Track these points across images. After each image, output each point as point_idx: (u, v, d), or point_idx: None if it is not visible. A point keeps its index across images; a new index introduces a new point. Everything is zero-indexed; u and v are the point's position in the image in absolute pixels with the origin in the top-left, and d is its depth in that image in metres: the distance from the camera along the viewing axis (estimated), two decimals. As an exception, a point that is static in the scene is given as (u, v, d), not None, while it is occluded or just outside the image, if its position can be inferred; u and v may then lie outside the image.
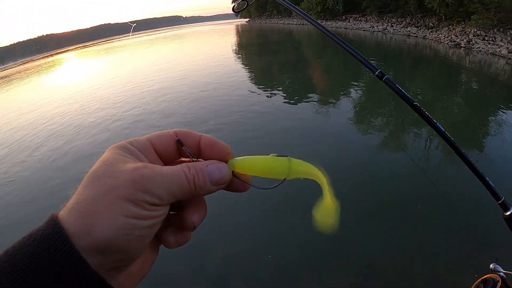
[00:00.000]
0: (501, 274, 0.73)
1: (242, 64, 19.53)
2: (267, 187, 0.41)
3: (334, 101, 9.98)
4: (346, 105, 9.48)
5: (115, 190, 0.31)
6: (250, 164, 0.39)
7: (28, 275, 0.27)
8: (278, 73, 15.60)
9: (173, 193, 0.34)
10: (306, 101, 9.70)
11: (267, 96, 10.66)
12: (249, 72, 16.16)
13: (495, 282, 0.71)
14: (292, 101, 9.97)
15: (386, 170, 5.53)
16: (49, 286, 0.27)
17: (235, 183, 0.40)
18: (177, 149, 0.40)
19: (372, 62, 0.93)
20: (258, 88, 12.07)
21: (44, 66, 46.79)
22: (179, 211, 0.40)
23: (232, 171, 0.39)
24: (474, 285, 0.77)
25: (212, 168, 0.37)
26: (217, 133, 7.39)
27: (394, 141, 6.97)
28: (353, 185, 5.17)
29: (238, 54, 24.91)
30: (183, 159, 0.42)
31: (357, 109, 9.08)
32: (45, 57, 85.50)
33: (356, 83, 12.06)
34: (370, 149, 6.43)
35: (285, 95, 10.80)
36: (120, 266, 0.32)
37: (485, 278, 0.75)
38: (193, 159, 0.39)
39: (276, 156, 0.40)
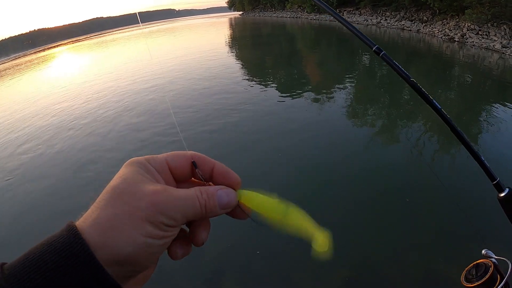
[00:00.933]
0: (493, 260, 0.72)
1: (235, 56, 19.39)
2: (263, 224, 0.42)
3: (331, 91, 9.89)
4: (341, 96, 9.39)
5: (136, 211, 0.34)
6: (256, 201, 0.43)
7: (49, 282, 0.30)
8: (271, 64, 15.48)
9: (187, 215, 0.38)
10: (300, 92, 9.61)
11: (261, 90, 10.55)
12: (242, 65, 16.02)
13: (487, 267, 0.70)
14: (288, 93, 9.87)
15: (379, 162, 5.53)
16: None
17: (237, 211, 0.43)
18: (190, 170, 0.43)
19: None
20: (251, 80, 11.95)
21: (36, 61, 46.12)
22: (187, 226, 0.43)
23: (238, 201, 0.42)
24: (465, 270, 0.75)
25: (222, 193, 0.40)
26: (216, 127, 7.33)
27: (392, 131, 6.94)
28: (346, 177, 5.18)
29: (232, 47, 24.70)
30: (194, 179, 0.44)
31: (352, 100, 9.00)
32: (37, 51, 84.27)
33: (350, 75, 11.97)
34: (364, 140, 6.44)
35: (277, 86, 10.70)
36: (131, 275, 0.36)
37: (477, 263, 0.74)
38: (205, 182, 0.43)
39: (280, 201, 0.43)
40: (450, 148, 5.87)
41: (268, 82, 11.82)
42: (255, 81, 11.96)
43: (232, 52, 21.73)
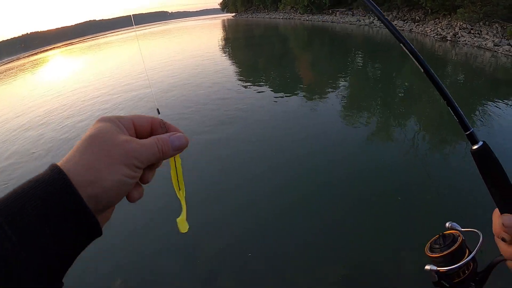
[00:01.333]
0: (461, 231, 0.68)
1: (229, 57, 19.32)
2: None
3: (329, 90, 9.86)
4: (335, 96, 9.36)
5: (114, 155, 0.42)
6: (178, 166, 0.54)
7: (37, 213, 0.35)
8: (264, 65, 15.43)
9: (150, 159, 0.46)
10: (295, 92, 9.56)
11: (256, 91, 10.49)
12: (236, 65, 15.95)
13: (455, 237, 0.67)
14: (282, 92, 9.82)
15: (374, 162, 5.53)
16: (55, 221, 0.36)
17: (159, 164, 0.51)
18: (150, 130, 0.51)
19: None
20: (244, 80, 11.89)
21: (28, 65, 45.74)
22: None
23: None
24: (430, 241, 0.71)
25: (174, 138, 0.49)
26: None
27: (386, 130, 6.92)
28: (341, 176, 5.21)
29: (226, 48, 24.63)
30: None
31: (345, 99, 8.97)
32: (30, 55, 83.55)
33: (343, 74, 11.95)
34: (360, 140, 6.45)
35: (271, 87, 10.65)
36: (103, 210, 0.42)
37: (444, 234, 0.70)
38: (164, 132, 0.51)
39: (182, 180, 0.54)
40: (443, 147, 5.87)
41: (261, 83, 11.75)
42: (249, 82, 11.90)
43: (225, 54, 21.65)
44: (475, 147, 0.63)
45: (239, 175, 5.52)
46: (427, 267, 0.69)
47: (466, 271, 0.67)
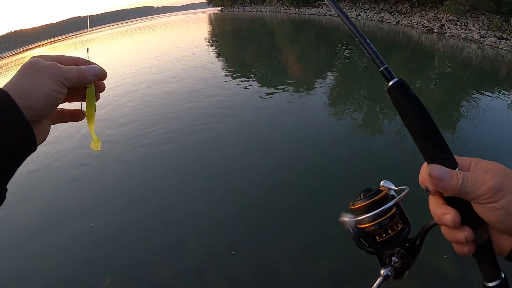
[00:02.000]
0: (392, 189, 0.58)
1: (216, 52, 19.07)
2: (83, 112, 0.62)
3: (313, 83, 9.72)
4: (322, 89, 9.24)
5: (43, 74, 0.51)
6: (92, 97, 0.62)
7: None
8: (252, 59, 15.24)
9: (73, 79, 0.55)
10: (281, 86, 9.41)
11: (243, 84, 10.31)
12: (224, 59, 15.73)
13: (379, 191, 0.57)
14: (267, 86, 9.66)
15: (356, 154, 5.50)
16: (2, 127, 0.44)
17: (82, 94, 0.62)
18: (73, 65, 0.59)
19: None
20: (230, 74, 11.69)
21: (12, 64, 44.73)
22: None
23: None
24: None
25: (91, 67, 0.59)
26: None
27: (371, 122, 6.83)
28: (325, 169, 5.21)
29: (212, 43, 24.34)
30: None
31: (332, 91, 8.86)
32: (15, 54, 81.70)
33: (330, 66, 11.84)
34: (342, 133, 6.43)
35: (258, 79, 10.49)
36: (36, 121, 0.51)
37: (367, 188, 0.59)
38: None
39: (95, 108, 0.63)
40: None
41: (248, 78, 11.55)
42: (234, 77, 11.70)
43: (212, 49, 21.38)
44: (390, 83, 0.56)
45: (224, 174, 5.37)
46: (341, 218, 0.59)
47: (390, 231, 0.56)
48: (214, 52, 19.26)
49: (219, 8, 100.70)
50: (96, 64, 0.61)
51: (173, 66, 14.83)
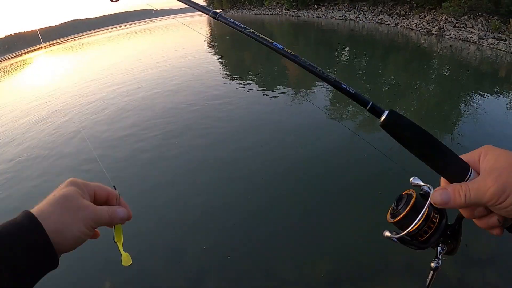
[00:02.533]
0: (425, 188, 0.61)
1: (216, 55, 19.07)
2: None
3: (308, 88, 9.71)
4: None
5: (77, 215, 0.55)
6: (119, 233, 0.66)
7: (21, 253, 0.47)
8: (252, 61, 15.23)
9: (101, 223, 0.59)
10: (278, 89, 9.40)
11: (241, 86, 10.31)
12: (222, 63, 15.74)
13: (409, 197, 0.60)
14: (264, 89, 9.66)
15: (353, 157, 5.46)
16: (34, 258, 0.48)
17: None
18: (106, 200, 0.64)
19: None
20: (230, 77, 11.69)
21: (8, 68, 44.61)
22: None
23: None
24: (390, 208, 0.64)
25: (119, 210, 0.63)
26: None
27: (370, 124, 6.83)
28: (323, 170, 5.20)
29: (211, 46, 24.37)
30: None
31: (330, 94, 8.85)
32: (14, 57, 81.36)
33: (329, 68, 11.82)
34: (341, 135, 6.37)
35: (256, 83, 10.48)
36: (60, 253, 0.53)
37: (400, 195, 0.63)
38: (117, 204, 0.66)
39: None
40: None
41: (248, 80, 11.55)
42: (235, 79, 11.70)
43: (211, 52, 21.39)
44: (382, 118, 0.56)
45: (222, 175, 5.38)
46: (385, 235, 0.62)
47: (428, 230, 0.60)
48: (216, 56, 19.26)
49: (219, 11, 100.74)
50: (124, 207, 0.65)
51: (175, 68, 14.82)
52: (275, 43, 0.69)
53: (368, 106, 0.57)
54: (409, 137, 0.56)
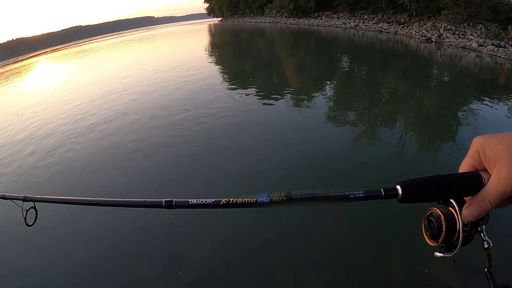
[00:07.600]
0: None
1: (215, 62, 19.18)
2: None
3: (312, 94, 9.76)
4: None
5: None
6: None
7: None
8: (252, 69, 15.32)
9: None
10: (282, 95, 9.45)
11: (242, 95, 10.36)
12: (223, 71, 15.82)
13: (437, 218, 0.60)
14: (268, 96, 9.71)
15: (359, 163, 5.46)
16: None
17: None
18: None
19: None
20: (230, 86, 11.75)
21: (8, 73, 44.78)
22: None
23: None
24: (423, 228, 0.64)
25: None
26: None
27: (370, 132, 6.87)
28: (321, 178, 5.16)
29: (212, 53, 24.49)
30: None
31: (331, 100, 8.89)
32: (16, 62, 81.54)
33: (329, 76, 11.90)
34: (343, 142, 6.40)
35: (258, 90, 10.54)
36: None
37: (427, 217, 0.62)
38: None
39: None
40: (430, 147, 5.84)
41: (248, 88, 11.62)
42: (235, 87, 11.75)
43: (213, 60, 21.50)
44: (400, 195, 0.57)
45: (224, 180, 5.37)
46: (438, 254, 0.63)
47: (464, 234, 0.60)
48: (219, 63, 19.36)
49: (219, 18, 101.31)
50: None
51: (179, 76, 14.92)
52: (259, 198, 0.65)
53: (383, 195, 0.58)
54: (429, 194, 0.58)
